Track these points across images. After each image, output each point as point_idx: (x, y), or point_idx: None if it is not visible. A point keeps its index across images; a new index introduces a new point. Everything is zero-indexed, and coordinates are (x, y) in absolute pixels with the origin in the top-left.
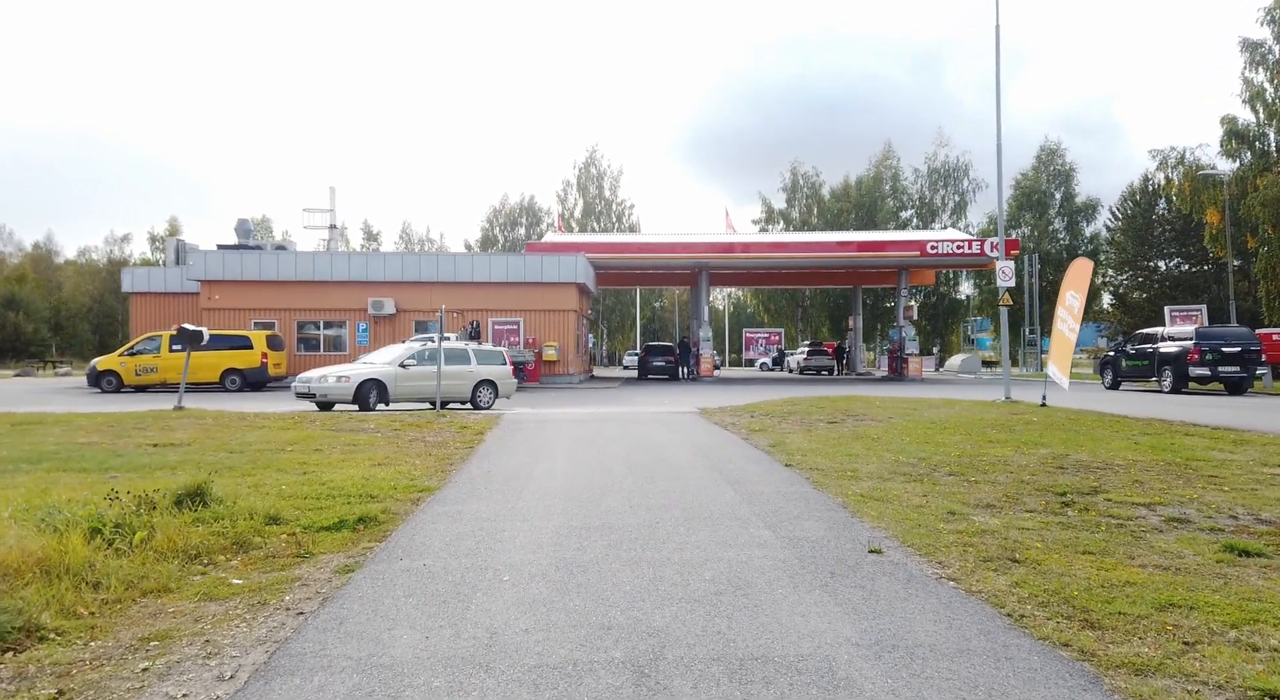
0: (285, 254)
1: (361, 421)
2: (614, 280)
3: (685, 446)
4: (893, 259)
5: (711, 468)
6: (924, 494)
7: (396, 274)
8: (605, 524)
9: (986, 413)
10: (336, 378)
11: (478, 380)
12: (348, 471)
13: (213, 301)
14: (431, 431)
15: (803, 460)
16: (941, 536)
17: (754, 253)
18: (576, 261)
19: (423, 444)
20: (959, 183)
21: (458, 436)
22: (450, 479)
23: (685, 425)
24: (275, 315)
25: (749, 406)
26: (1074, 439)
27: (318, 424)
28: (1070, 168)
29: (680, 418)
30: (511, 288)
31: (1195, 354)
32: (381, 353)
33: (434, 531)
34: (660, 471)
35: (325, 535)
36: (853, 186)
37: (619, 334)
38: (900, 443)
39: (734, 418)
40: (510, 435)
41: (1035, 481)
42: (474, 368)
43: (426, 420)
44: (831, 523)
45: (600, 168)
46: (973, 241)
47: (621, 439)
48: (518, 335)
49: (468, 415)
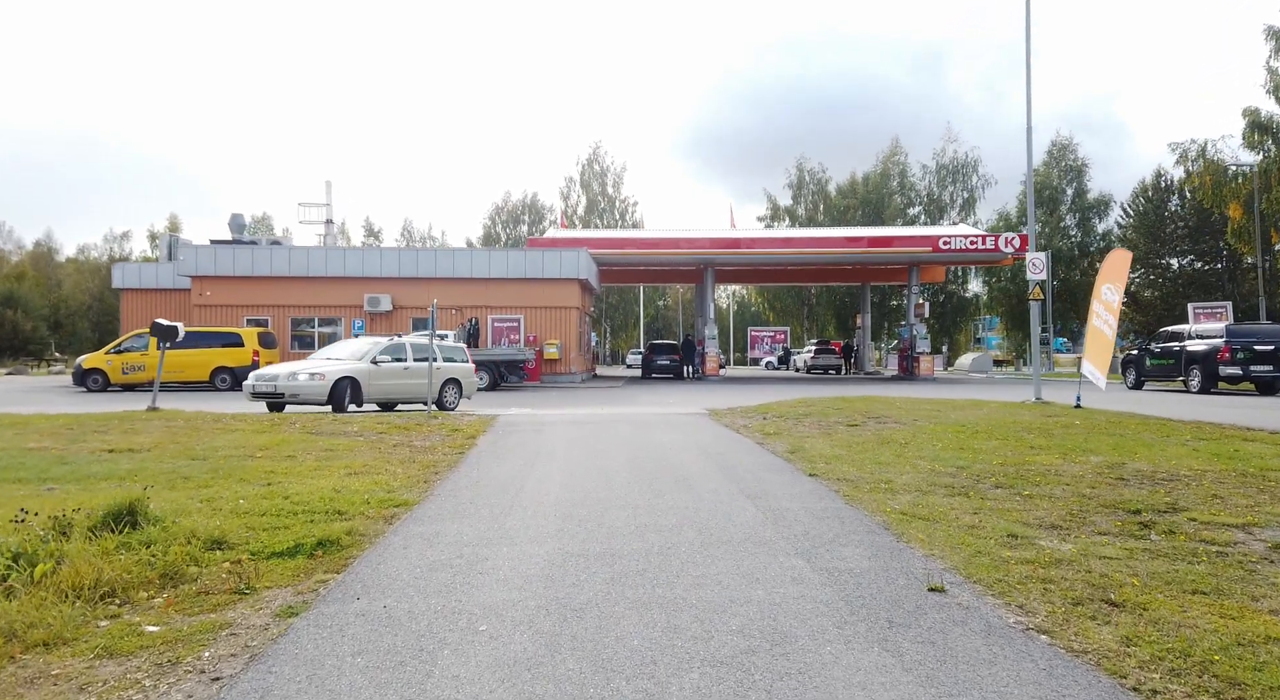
0: (279, 249)
1: (344, 424)
2: (617, 277)
3: (695, 452)
4: (903, 255)
5: (727, 478)
6: (974, 511)
7: (393, 270)
8: (607, 550)
9: (1018, 415)
10: (309, 374)
11: (445, 379)
12: (318, 482)
13: (204, 298)
14: (420, 435)
15: (827, 469)
16: (1010, 568)
17: (761, 248)
18: (579, 256)
19: (408, 449)
20: (968, 179)
21: (447, 441)
22: (433, 491)
23: (694, 428)
24: (269, 312)
25: (760, 407)
26: (1123, 445)
27: (298, 427)
28: (1082, 163)
29: (688, 420)
30: (512, 284)
31: (1226, 352)
32: (337, 348)
33: (403, 560)
34: (669, 482)
35: (276, 564)
36: (859, 183)
37: (622, 332)
38: (932, 449)
39: (746, 420)
40: (504, 439)
41: (1098, 496)
42: (441, 365)
43: (415, 423)
44: (875, 549)
45: (603, 164)
46: (986, 237)
47: (625, 443)
48: (518, 333)
49: (459, 417)
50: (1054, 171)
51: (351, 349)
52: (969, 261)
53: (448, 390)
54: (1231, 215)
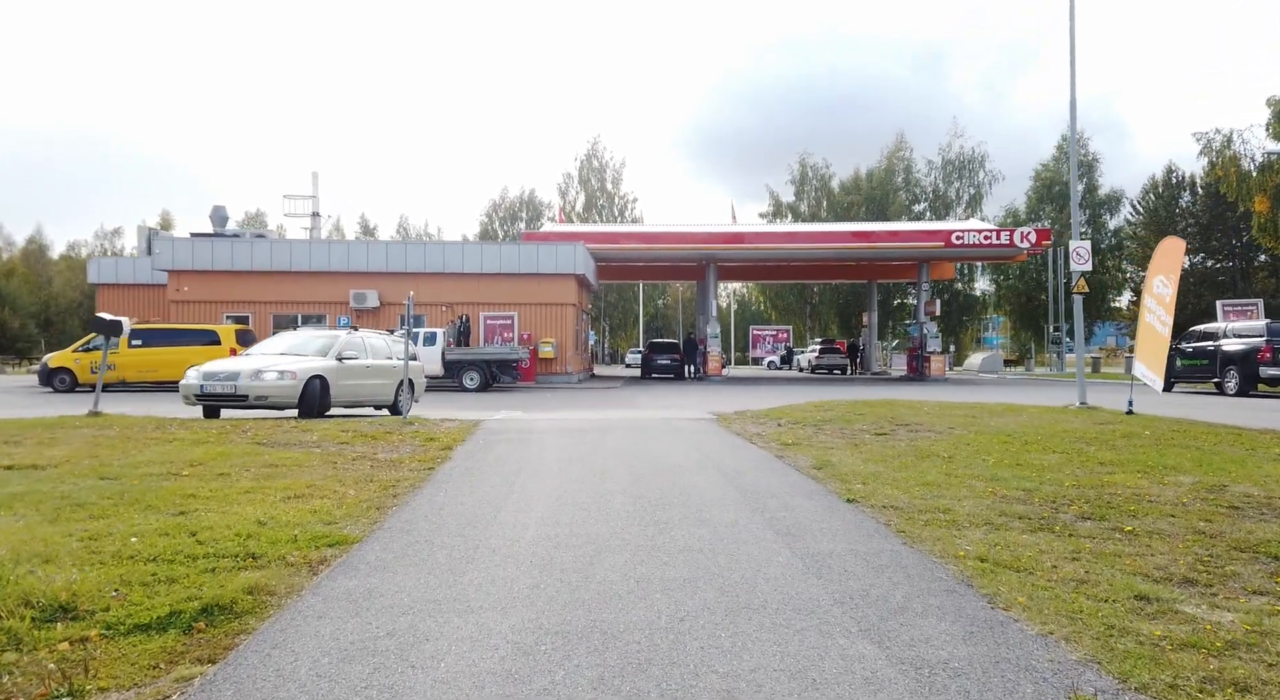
0: (260, 243)
1: (304, 432)
2: (616, 274)
3: (706, 469)
4: (914, 251)
5: (748, 505)
6: (1072, 555)
7: (380, 264)
8: (596, 623)
9: (1067, 422)
10: (278, 373)
11: (400, 380)
12: (244, 511)
13: (181, 293)
14: (388, 446)
15: (867, 492)
16: (1171, 659)
17: (766, 243)
18: (575, 251)
19: (369, 464)
20: (974, 175)
21: (418, 453)
22: (383, 522)
23: (701, 437)
24: (249, 308)
25: (772, 412)
26: (1208, 461)
27: (249, 436)
28: (1093, 159)
29: (694, 426)
30: (505, 279)
31: (1267, 352)
32: (273, 342)
33: (313, 639)
34: (678, 512)
35: (135, 644)
36: (863, 179)
37: (621, 331)
38: (984, 465)
39: (758, 426)
40: (485, 451)
41: (1219, 532)
42: (396, 364)
43: (384, 430)
44: (966, 621)
45: (602, 160)
46: (1001, 231)
47: (624, 457)
48: (511, 331)
49: (437, 424)
50: (1063, 167)
51: (297, 342)
52: (982, 257)
53: (403, 392)
54: (1257, 209)
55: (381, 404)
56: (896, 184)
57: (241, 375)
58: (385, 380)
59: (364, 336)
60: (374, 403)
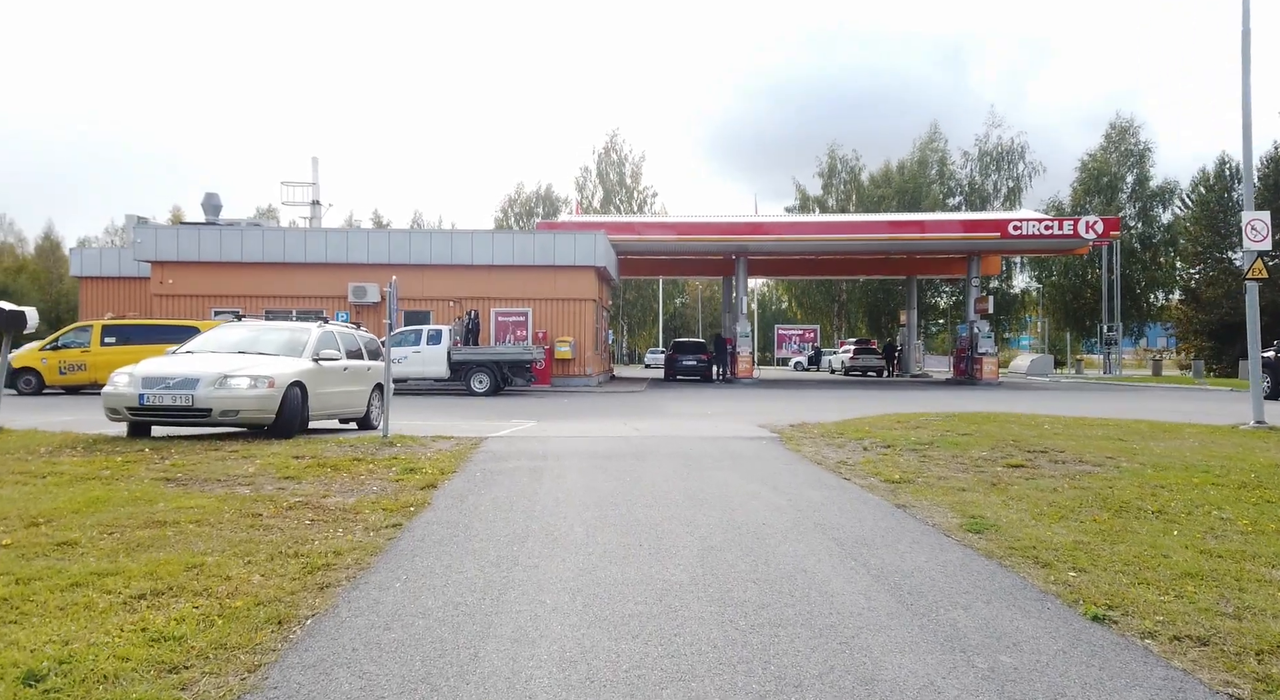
0: (251, 231)
1: (245, 458)
2: (636, 269)
3: (807, 533)
4: (965, 242)
5: (921, 625)
6: None
7: (382, 255)
8: None
9: (1266, 450)
10: (250, 379)
11: (373, 385)
12: (33, 635)
13: (166, 286)
14: (350, 480)
15: (1101, 590)
16: None
17: (801, 234)
18: (595, 241)
19: (309, 517)
20: (1014, 166)
21: (388, 494)
22: (270, 668)
23: (772, 468)
24: (239, 302)
25: (843, 427)
26: None
27: (165, 465)
28: (1145, 147)
29: (753, 450)
30: (518, 272)
31: None
32: (217, 338)
33: None
34: (808, 644)
35: None
36: (894, 172)
37: (640, 330)
38: (1238, 530)
39: (838, 449)
40: (480, 493)
41: None
42: (370, 365)
43: (355, 456)
44: None
45: (621, 153)
46: (1063, 221)
47: (678, 507)
48: (525, 328)
49: (426, 445)
50: (1112, 156)
51: (250, 337)
52: (1041, 250)
53: (375, 400)
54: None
55: (352, 417)
56: (930, 176)
57: (202, 382)
58: (359, 387)
59: (335, 331)
60: (346, 415)
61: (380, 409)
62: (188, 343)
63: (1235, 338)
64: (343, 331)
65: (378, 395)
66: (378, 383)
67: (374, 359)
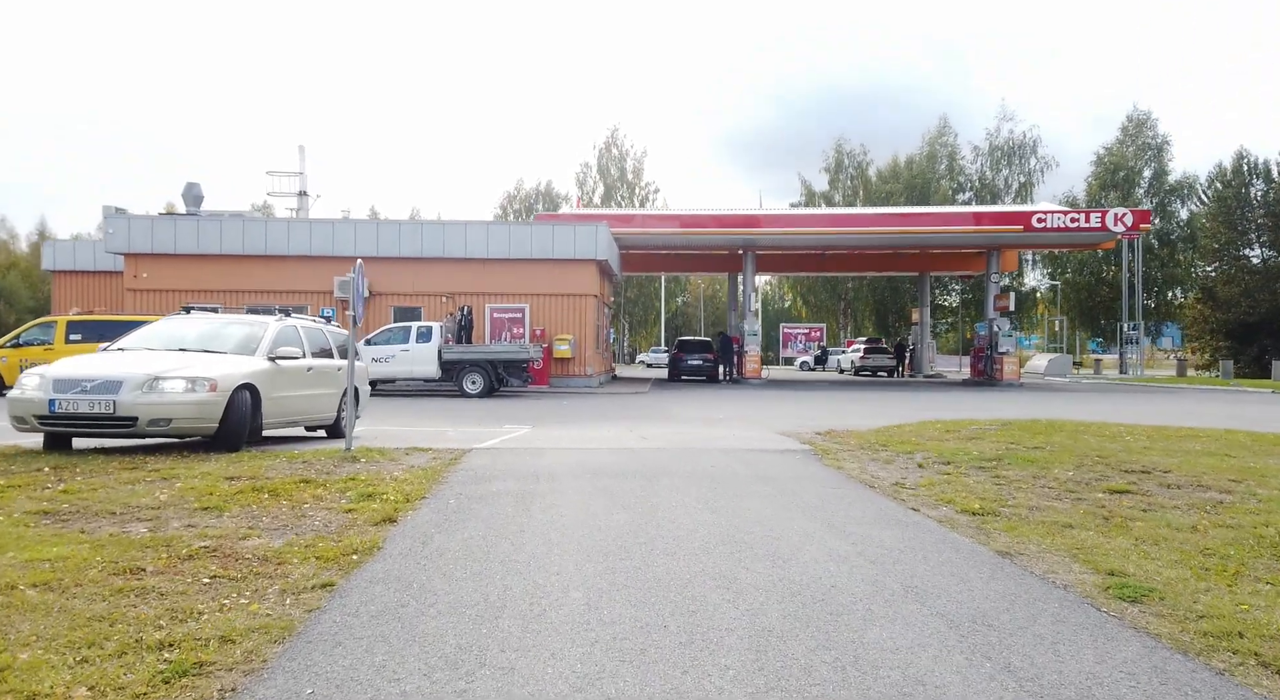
0: (231, 222)
1: (166, 479)
2: (638, 265)
3: (898, 604)
4: (985, 236)
5: None
6: None
7: (370, 247)
8: None
9: None
10: (188, 382)
11: (344, 388)
12: None
13: (140, 280)
14: (289, 511)
15: None
16: None
17: (814, 228)
18: (597, 233)
19: (210, 571)
20: (1025, 161)
21: (330, 534)
22: None
23: (816, 493)
24: (218, 298)
25: (884, 437)
26: None
27: (55, 490)
28: (1163, 140)
29: (785, 467)
30: (515, 266)
31: None
32: (156, 332)
33: None
34: None
35: None
36: (902, 167)
37: (641, 329)
38: None
39: (887, 467)
40: (449, 533)
41: None
42: (340, 363)
43: (303, 476)
44: None
45: (622, 148)
46: (1090, 213)
47: (708, 557)
48: (522, 325)
49: (397, 459)
50: (1129, 149)
51: (199, 332)
52: (1066, 244)
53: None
54: None
55: (319, 424)
56: (939, 171)
57: (126, 385)
58: (328, 390)
59: (298, 326)
60: (311, 422)
61: (350, 414)
62: (123, 338)
63: (1254, 337)
64: (309, 326)
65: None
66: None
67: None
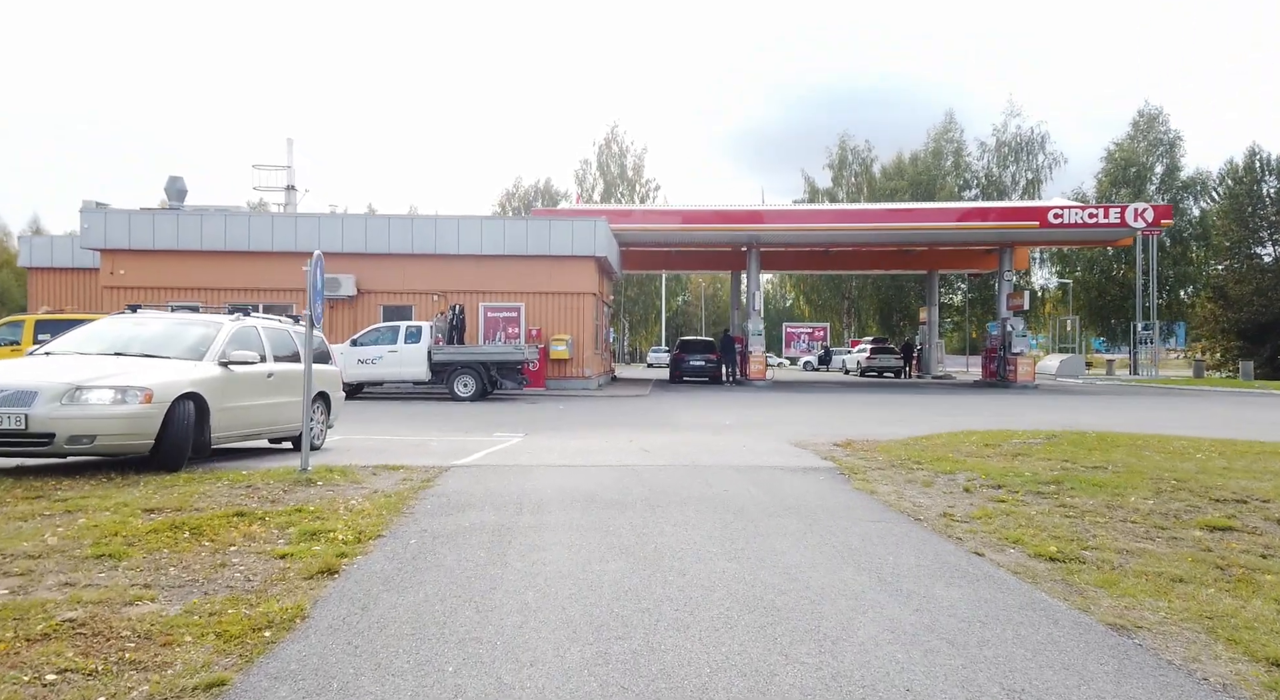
0: (212, 217)
1: (70, 511)
2: (638, 262)
3: None
4: (997, 232)
5: None
6: None
7: (358, 243)
8: None
9: None
10: (116, 392)
11: (314, 394)
12: None
13: (117, 277)
14: (204, 560)
15: None
16: None
17: (820, 223)
18: (595, 228)
19: (56, 662)
20: (1033, 158)
21: (250, 595)
22: None
23: (851, 526)
24: (199, 296)
25: (913, 450)
26: None
27: None
28: (1175, 136)
29: (811, 490)
30: (510, 263)
31: None
32: (95, 333)
33: None
34: None
35: None
36: (907, 164)
37: (641, 328)
38: None
39: (920, 488)
40: (398, 595)
41: None
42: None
43: (237, 507)
44: None
45: (622, 145)
46: (1109, 208)
47: (729, 629)
48: (517, 325)
49: (362, 481)
50: (1140, 145)
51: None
52: (1083, 240)
53: (315, 412)
54: None
55: (285, 435)
56: (945, 168)
57: (42, 397)
58: (294, 398)
59: (259, 326)
60: (275, 433)
61: (325, 423)
62: (55, 340)
63: (1266, 337)
64: (272, 328)
65: (321, 406)
66: (320, 391)
67: (320, 363)
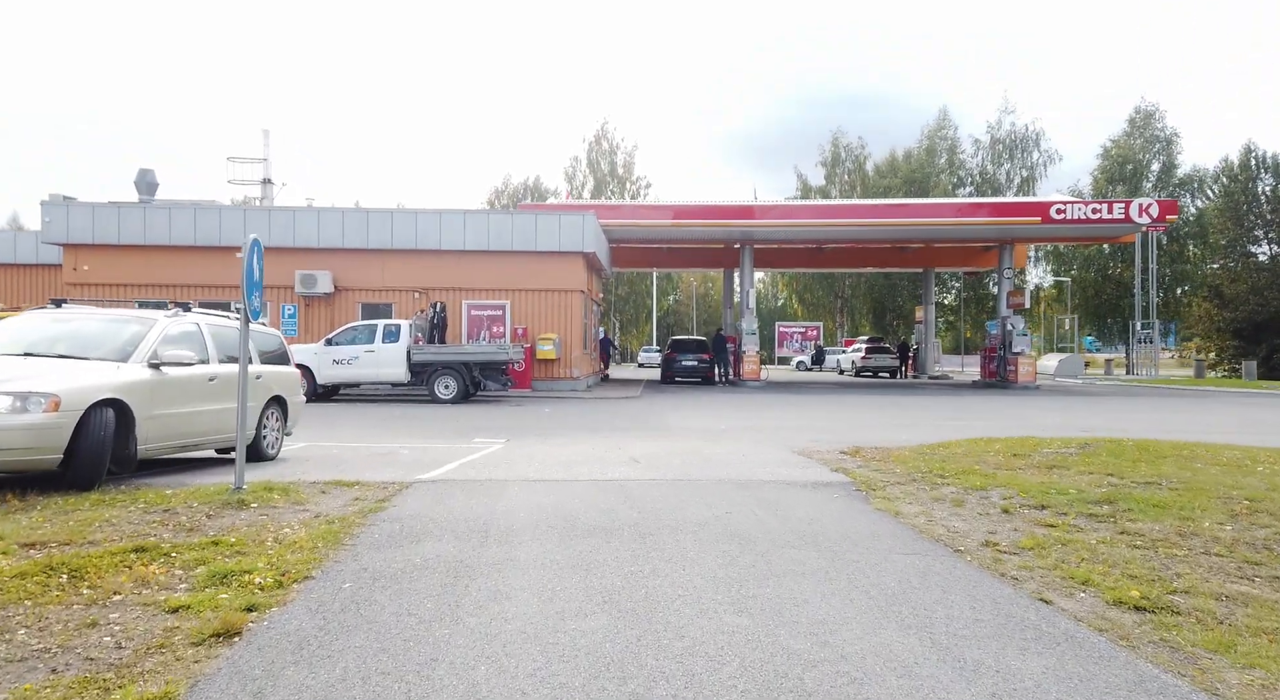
0: (181, 210)
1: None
2: (628, 260)
3: None
4: (997, 228)
5: None
6: None
7: (335, 238)
8: None
9: None
10: (15, 399)
11: (266, 398)
12: None
13: (80, 273)
14: (74, 618)
15: None
16: None
17: (815, 219)
18: (584, 223)
19: None
20: (1028, 155)
21: (106, 675)
22: None
23: (880, 560)
24: (167, 292)
25: (932, 460)
26: None
27: None
28: (1171, 133)
29: (827, 512)
30: (495, 258)
31: None
32: (8, 331)
33: None
34: None
35: None
36: (900, 161)
37: (632, 328)
38: None
39: (949, 507)
40: (309, 672)
41: None
42: (260, 369)
43: (150, 540)
44: None
45: (612, 142)
46: (1113, 203)
47: None
48: (502, 324)
49: (306, 501)
50: (1136, 142)
51: (65, 331)
52: (1086, 237)
53: (269, 418)
54: None
55: (233, 445)
56: (938, 165)
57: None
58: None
59: (201, 323)
60: (220, 443)
61: (281, 431)
62: None
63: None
64: (218, 325)
65: (277, 412)
66: (274, 395)
67: (277, 364)
